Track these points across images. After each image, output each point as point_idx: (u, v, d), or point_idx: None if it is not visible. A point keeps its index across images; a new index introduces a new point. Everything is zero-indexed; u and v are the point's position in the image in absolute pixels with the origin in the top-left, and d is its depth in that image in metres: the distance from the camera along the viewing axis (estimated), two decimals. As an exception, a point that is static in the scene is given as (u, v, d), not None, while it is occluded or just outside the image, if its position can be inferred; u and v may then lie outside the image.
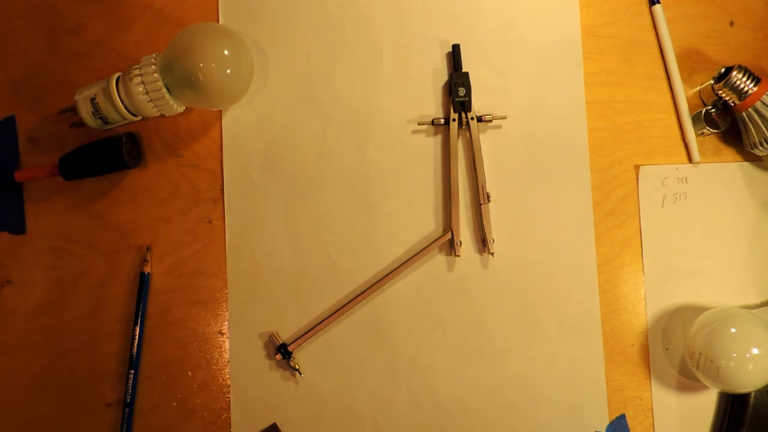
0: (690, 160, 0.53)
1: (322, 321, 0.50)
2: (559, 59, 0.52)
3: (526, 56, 0.52)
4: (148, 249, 0.50)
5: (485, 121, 0.51)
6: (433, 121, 0.51)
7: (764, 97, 0.48)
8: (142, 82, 0.45)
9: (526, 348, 0.51)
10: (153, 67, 0.45)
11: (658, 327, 0.52)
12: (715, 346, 0.47)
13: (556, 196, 0.52)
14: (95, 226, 0.51)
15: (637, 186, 0.52)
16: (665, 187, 0.53)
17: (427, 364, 0.50)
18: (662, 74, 0.53)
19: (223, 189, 0.51)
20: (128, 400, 0.49)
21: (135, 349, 0.49)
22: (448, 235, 0.50)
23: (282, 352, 0.49)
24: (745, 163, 0.53)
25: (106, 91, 0.46)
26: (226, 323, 0.50)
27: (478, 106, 0.52)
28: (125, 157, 0.48)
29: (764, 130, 0.49)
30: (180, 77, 0.45)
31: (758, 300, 0.53)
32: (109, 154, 0.48)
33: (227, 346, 0.50)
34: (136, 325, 0.49)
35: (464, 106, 0.50)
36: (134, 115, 0.47)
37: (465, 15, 0.52)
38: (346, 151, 0.51)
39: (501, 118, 0.51)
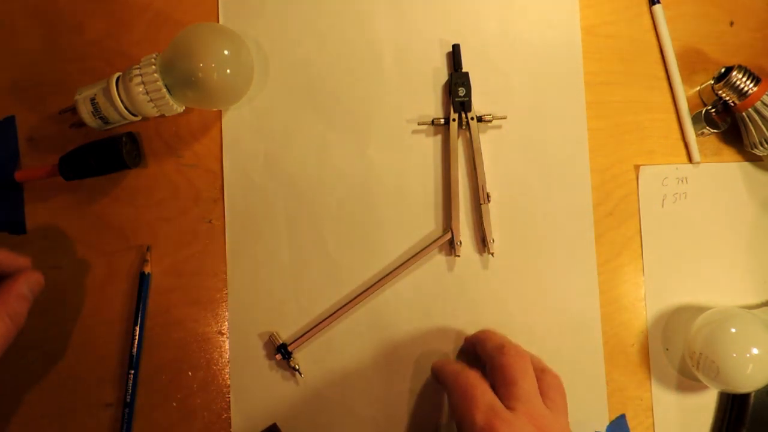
0: (690, 160, 0.53)
1: (322, 321, 0.50)
2: (559, 59, 0.52)
3: (526, 56, 0.52)
4: (148, 249, 0.50)
5: (485, 121, 0.51)
6: (433, 121, 0.51)
7: (764, 97, 0.48)
8: (142, 82, 0.45)
9: (526, 348, 0.51)
10: (153, 67, 0.45)
11: (658, 327, 0.52)
12: (715, 346, 0.47)
13: (556, 196, 0.52)
14: (95, 226, 0.50)
15: (637, 186, 0.52)
16: (665, 187, 0.53)
17: (427, 364, 0.50)
18: (662, 74, 0.53)
19: (223, 189, 0.51)
20: (128, 400, 0.49)
21: (135, 349, 0.49)
22: (448, 235, 0.50)
23: (282, 352, 0.49)
24: (745, 163, 0.53)
25: (106, 91, 0.46)
26: (226, 323, 0.50)
27: (478, 106, 0.52)
28: (125, 157, 0.48)
29: (764, 130, 0.49)
30: (180, 77, 0.45)
31: (758, 300, 0.53)
32: (109, 154, 0.48)
33: (227, 346, 0.50)
34: (136, 325, 0.49)
35: (464, 106, 0.50)
36: (134, 115, 0.47)
37: (465, 15, 0.52)
38: (346, 151, 0.51)
39: (501, 118, 0.51)
